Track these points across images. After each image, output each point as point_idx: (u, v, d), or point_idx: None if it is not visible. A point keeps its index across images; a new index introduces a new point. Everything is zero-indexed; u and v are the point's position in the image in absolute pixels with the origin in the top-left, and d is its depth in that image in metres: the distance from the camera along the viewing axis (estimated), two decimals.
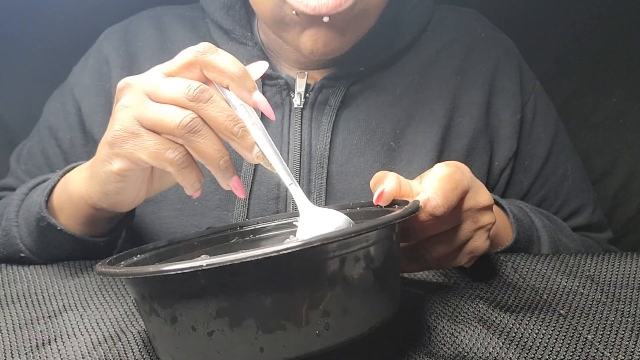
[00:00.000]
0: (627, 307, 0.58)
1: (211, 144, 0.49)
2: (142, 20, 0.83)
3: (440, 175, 0.53)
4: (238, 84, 0.50)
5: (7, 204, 0.72)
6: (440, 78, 0.78)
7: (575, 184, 0.84)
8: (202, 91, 0.49)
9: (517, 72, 0.80)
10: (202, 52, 0.51)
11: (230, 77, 0.50)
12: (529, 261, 0.66)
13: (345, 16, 0.64)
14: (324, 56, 0.69)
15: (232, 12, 0.76)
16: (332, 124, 0.73)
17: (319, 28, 0.65)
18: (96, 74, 0.79)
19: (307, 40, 0.66)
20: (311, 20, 0.64)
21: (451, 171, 0.53)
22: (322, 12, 0.62)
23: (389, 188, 0.52)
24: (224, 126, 0.49)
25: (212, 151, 0.49)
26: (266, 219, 0.59)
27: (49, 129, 0.81)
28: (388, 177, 0.53)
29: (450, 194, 0.52)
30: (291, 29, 0.66)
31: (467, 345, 0.53)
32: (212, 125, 0.49)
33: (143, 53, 0.79)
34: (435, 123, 0.75)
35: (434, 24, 0.80)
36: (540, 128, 0.81)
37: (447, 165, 0.54)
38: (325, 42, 0.66)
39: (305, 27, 0.65)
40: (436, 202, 0.51)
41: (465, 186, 0.54)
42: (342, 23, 0.65)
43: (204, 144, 0.49)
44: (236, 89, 0.51)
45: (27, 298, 0.61)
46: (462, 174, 0.54)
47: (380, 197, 0.52)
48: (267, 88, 0.75)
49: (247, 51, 0.75)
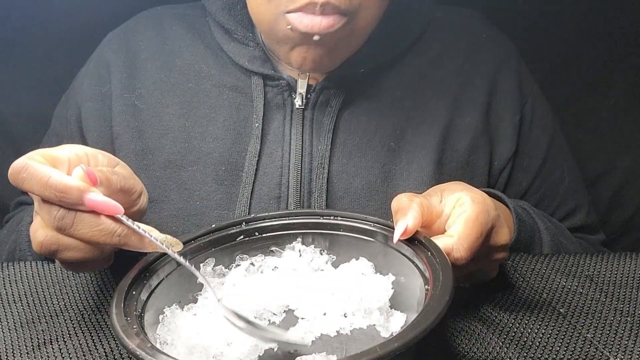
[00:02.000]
0: (626, 306, 0.58)
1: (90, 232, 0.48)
2: (142, 20, 0.83)
3: (467, 218, 0.52)
4: (60, 201, 0.47)
5: (18, 232, 0.73)
6: (440, 79, 0.78)
7: (571, 185, 0.84)
8: (62, 218, 0.48)
9: (517, 73, 0.81)
10: (12, 175, 0.48)
11: (48, 197, 0.47)
12: (529, 261, 0.67)
13: (335, 36, 0.65)
14: (312, 72, 0.71)
15: (234, 12, 0.76)
16: (333, 124, 0.74)
17: (309, 46, 0.67)
18: (95, 79, 0.80)
19: (297, 56, 0.68)
20: (302, 37, 0.65)
21: (478, 212, 0.53)
22: (314, 30, 0.63)
23: (412, 224, 0.51)
24: (101, 240, 0.48)
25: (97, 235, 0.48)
26: (271, 216, 0.59)
27: (55, 136, 0.82)
28: (412, 210, 0.52)
29: (475, 243, 0.52)
30: (283, 43, 0.68)
31: (467, 345, 0.53)
32: (88, 242, 0.49)
33: (143, 53, 0.79)
34: (436, 124, 0.76)
35: (434, 24, 0.80)
36: (538, 129, 0.82)
37: (475, 201, 0.53)
38: (314, 60, 0.68)
39: (296, 44, 0.67)
40: (460, 254, 0.51)
41: (489, 228, 0.54)
42: (331, 43, 0.67)
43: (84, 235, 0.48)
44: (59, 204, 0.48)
45: (27, 298, 0.61)
46: (488, 214, 0.54)
47: (404, 234, 0.51)
48: (269, 89, 0.75)
49: (248, 52, 0.76)
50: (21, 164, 0.47)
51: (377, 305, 0.51)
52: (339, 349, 0.49)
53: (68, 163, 0.51)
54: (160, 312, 0.50)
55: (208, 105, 0.75)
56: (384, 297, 0.52)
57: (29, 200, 0.84)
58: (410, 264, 0.51)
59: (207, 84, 0.76)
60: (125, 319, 0.45)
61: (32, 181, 0.47)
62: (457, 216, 0.53)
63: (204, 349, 0.48)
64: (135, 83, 0.77)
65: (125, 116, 0.76)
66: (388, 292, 0.52)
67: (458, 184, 0.59)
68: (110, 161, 0.54)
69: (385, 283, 0.52)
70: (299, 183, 0.72)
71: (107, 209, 0.48)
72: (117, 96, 0.77)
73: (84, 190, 0.47)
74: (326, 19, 0.62)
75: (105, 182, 0.50)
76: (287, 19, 0.64)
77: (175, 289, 0.53)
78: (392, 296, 0.52)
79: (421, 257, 0.50)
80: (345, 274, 0.54)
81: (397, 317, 0.51)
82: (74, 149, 0.52)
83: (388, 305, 0.52)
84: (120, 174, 0.52)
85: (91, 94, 0.79)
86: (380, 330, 0.51)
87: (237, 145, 0.74)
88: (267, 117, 0.74)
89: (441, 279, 0.45)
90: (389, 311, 0.52)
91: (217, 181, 0.73)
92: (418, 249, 0.51)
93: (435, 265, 0.47)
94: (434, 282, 0.46)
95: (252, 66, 0.74)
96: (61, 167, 0.50)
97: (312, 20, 0.62)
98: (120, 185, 0.51)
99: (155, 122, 0.75)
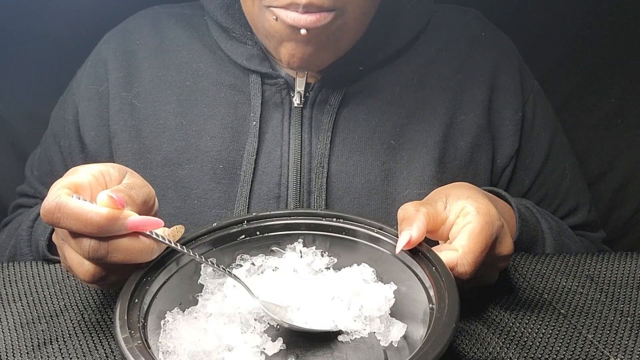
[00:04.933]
0: (626, 306, 0.58)
1: (128, 257, 0.49)
2: (139, 20, 0.83)
3: (471, 231, 0.52)
4: (103, 232, 0.47)
5: (18, 236, 0.74)
6: (440, 76, 0.78)
7: (572, 183, 0.84)
8: (96, 250, 0.48)
9: (517, 71, 0.81)
10: (46, 216, 0.47)
11: (90, 232, 0.47)
12: (530, 261, 0.67)
13: (322, 32, 0.65)
14: (302, 69, 0.71)
15: (232, 11, 0.76)
16: (332, 123, 0.73)
17: (297, 42, 0.66)
18: (92, 78, 0.80)
19: (285, 52, 0.68)
20: (290, 32, 0.65)
21: (483, 224, 0.53)
22: (300, 24, 0.63)
23: (417, 236, 0.51)
24: (140, 259, 0.49)
25: (136, 256, 0.49)
26: (272, 215, 0.59)
27: (53, 136, 0.82)
28: (417, 220, 0.52)
29: (479, 257, 0.52)
30: (272, 37, 0.68)
31: (467, 345, 0.53)
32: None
33: (140, 52, 0.79)
34: (436, 121, 0.75)
35: (434, 23, 0.80)
36: (540, 127, 0.82)
37: (479, 213, 0.53)
38: (302, 57, 0.68)
39: (283, 39, 0.67)
40: (464, 269, 0.51)
41: (493, 240, 0.54)
42: (319, 39, 0.66)
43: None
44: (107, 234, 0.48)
45: (27, 298, 0.61)
46: (492, 226, 0.53)
47: (408, 244, 0.51)
48: (267, 87, 0.75)
49: (246, 50, 0.76)
50: (53, 204, 0.47)
51: (378, 313, 0.51)
52: (339, 357, 0.49)
53: (90, 188, 0.51)
54: (162, 317, 0.50)
55: (205, 103, 0.75)
56: (386, 306, 0.51)
57: (27, 203, 0.84)
58: (412, 274, 0.51)
59: (205, 83, 0.76)
60: (129, 332, 0.44)
61: (68, 220, 0.47)
62: (461, 227, 0.53)
63: (205, 355, 0.48)
64: (133, 82, 0.77)
65: (122, 115, 0.76)
66: (390, 301, 0.52)
67: (463, 187, 0.59)
68: (120, 171, 0.55)
69: (387, 292, 0.52)
70: (299, 182, 0.72)
71: (150, 225, 0.49)
72: (114, 95, 0.77)
73: (125, 217, 0.48)
74: (312, 15, 0.62)
75: (130, 200, 0.50)
76: (272, 11, 0.64)
77: (177, 290, 0.53)
78: (393, 304, 0.52)
79: (424, 269, 0.50)
80: (346, 279, 0.54)
81: (398, 327, 0.51)
82: (89, 170, 0.52)
83: (389, 314, 0.52)
84: (136, 185, 0.53)
85: (88, 93, 0.78)
86: (380, 338, 0.50)
87: (234, 143, 0.73)
88: (265, 115, 0.74)
89: (447, 301, 0.45)
90: (389, 320, 0.51)
91: (215, 180, 0.73)
92: (421, 261, 0.51)
93: (440, 283, 0.47)
94: (439, 302, 0.46)
95: (250, 64, 0.74)
96: (84, 194, 0.50)
97: (297, 15, 0.62)
98: (140, 198, 0.52)
99: (153, 121, 0.75)
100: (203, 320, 0.51)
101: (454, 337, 0.42)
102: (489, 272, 0.57)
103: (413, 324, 0.50)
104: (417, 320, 0.50)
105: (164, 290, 0.51)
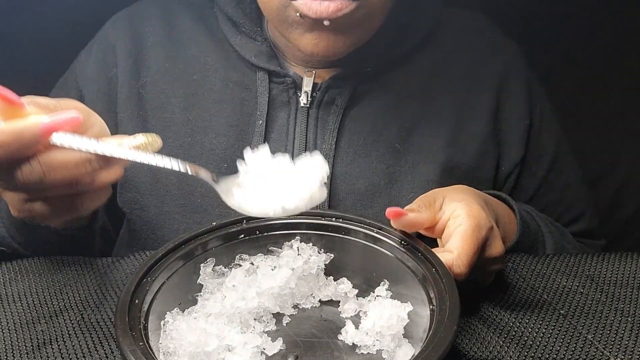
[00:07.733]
0: (626, 306, 0.58)
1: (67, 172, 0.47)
2: (149, 6, 0.81)
3: (463, 233, 0.54)
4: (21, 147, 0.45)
5: None
6: (448, 80, 0.77)
7: (576, 191, 0.84)
8: (30, 173, 0.46)
9: (525, 78, 0.80)
10: None
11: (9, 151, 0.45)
12: (529, 261, 0.66)
13: (346, 20, 0.64)
14: (325, 58, 0.69)
15: (243, 6, 0.75)
16: (338, 123, 0.73)
17: (320, 31, 0.65)
18: (100, 62, 0.78)
19: (309, 42, 0.66)
20: (313, 23, 0.64)
21: (473, 227, 0.54)
22: (323, 15, 0.62)
23: (412, 216, 0.54)
24: (81, 171, 0.47)
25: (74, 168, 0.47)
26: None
27: None
28: (420, 213, 0.56)
29: (473, 258, 0.53)
30: (294, 30, 0.67)
31: (467, 345, 0.53)
32: (70, 184, 0.48)
33: (149, 39, 0.78)
34: (443, 126, 0.75)
35: (442, 27, 0.80)
36: (546, 134, 0.81)
37: (469, 216, 0.55)
38: (327, 45, 0.66)
39: (307, 30, 0.66)
40: (460, 270, 0.52)
41: (484, 242, 0.55)
42: (343, 27, 0.65)
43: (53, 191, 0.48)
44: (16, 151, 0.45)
45: (27, 298, 0.60)
46: (481, 229, 0.55)
47: (398, 212, 0.53)
48: (274, 85, 0.74)
49: (255, 46, 0.75)
50: None
51: (390, 332, 0.50)
52: (339, 357, 0.49)
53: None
54: (162, 317, 0.50)
55: (212, 99, 0.75)
56: (399, 326, 0.51)
57: None
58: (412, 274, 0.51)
59: (212, 78, 0.75)
60: (131, 334, 0.44)
61: None
62: (452, 229, 0.55)
63: (206, 356, 0.48)
64: (141, 70, 0.76)
65: (130, 103, 0.75)
66: (403, 322, 0.51)
67: (460, 191, 0.60)
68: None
69: (402, 312, 0.51)
70: None
71: (65, 122, 0.46)
72: (123, 82, 0.76)
73: (36, 125, 0.45)
74: (334, 3, 0.62)
75: (31, 102, 0.47)
76: (294, 6, 0.63)
77: (176, 290, 0.53)
78: None
79: (424, 270, 0.50)
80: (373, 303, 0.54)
81: (405, 349, 0.50)
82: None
83: (402, 334, 0.51)
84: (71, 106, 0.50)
85: (96, 78, 0.78)
86: (385, 357, 0.50)
87: (240, 142, 0.73)
88: (271, 114, 0.74)
89: (448, 303, 0.45)
90: (400, 340, 0.51)
91: None
92: (421, 261, 0.51)
93: (441, 284, 0.48)
94: (440, 304, 0.46)
95: (258, 61, 0.74)
96: None
97: (320, 5, 0.62)
98: (44, 102, 0.49)
99: (159, 113, 0.75)
100: (203, 320, 0.51)
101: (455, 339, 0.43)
102: (481, 274, 0.58)
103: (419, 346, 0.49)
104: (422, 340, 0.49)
105: (164, 290, 0.51)
